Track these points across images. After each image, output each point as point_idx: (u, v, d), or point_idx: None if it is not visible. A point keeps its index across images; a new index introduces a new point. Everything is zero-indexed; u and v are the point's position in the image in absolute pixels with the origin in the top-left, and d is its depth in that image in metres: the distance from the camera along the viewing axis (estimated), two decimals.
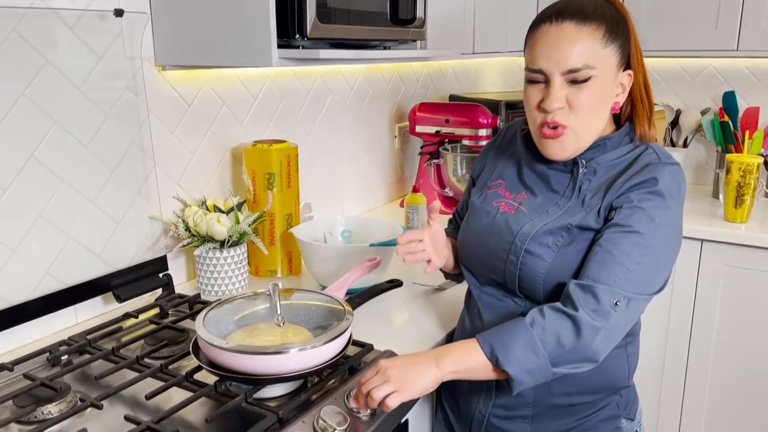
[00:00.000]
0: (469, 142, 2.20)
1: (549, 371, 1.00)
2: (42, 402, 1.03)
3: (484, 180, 1.27)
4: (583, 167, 1.11)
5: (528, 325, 1.00)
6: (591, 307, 0.99)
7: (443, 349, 1.04)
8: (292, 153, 1.62)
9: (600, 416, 1.13)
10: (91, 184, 1.36)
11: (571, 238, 1.07)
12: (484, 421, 1.18)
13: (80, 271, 1.36)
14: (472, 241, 1.21)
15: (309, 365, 1.05)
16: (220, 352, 1.04)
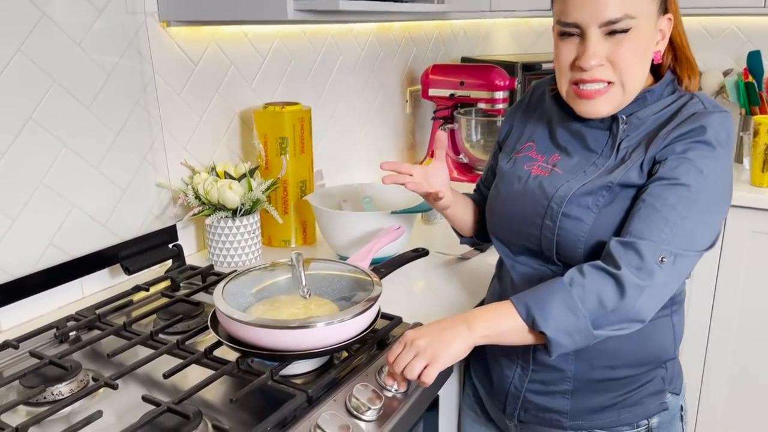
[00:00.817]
0: (485, 106, 2.11)
1: (590, 333, 0.92)
2: (51, 382, 0.96)
3: (511, 144, 1.19)
4: (624, 123, 1.02)
5: (566, 284, 0.92)
6: (634, 265, 0.91)
7: (474, 312, 0.96)
8: (305, 116, 1.52)
9: (644, 391, 1.07)
10: (95, 149, 1.27)
11: (612, 197, 0.99)
12: (520, 397, 1.11)
13: (85, 242, 1.28)
14: (503, 208, 1.13)
15: (337, 340, 0.98)
16: (241, 326, 0.96)
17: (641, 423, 1.07)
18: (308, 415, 0.89)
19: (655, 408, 1.07)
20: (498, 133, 1.24)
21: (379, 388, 0.96)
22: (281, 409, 0.87)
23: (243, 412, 0.93)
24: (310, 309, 1.06)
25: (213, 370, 0.99)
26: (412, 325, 1.14)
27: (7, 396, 0.97)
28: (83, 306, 1.23)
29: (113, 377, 0.94)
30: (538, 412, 1.10)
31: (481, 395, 1.25)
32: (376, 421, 0.91)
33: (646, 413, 1.07)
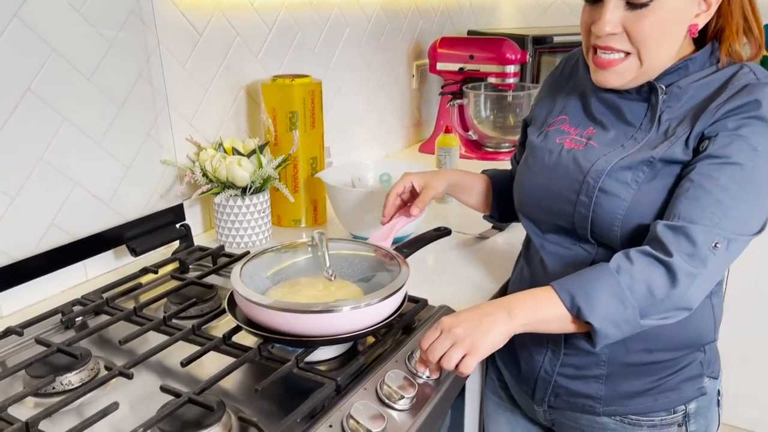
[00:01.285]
0: (495, 80, 2.04)
1: (637, 323, 0.87)
2: (60, 371, 0.90)
3: (542, 117, 1.12)
4: (663, 93, 0.96)
5: (613, 271, 0.86)
6: (686, 251, 0.85)
7: (513, 298, 0.90)
8: (315, 89, 1.45)
9: (682, 375, 1.02)
10: (97, 123, 1.19)
11: (654, 173, 0.93)
12: (551, 382, 1.06)
13: (88, 222, 1.21)
14: (533, 184, 1.07)
15: (364, 325, 0.92)
16: (263, 310, 0.90)
17: (678, 408, 1.02)
18: (338, 404, 0.84)
19: (693, 393, 1.02)
20: (509, 109, 1.19)
21: (410, 374, 0.91)
22: (310, 398, 0.82)
23: (265, 401, 0.88)
24: (333, 292, 1.01)
25: (232, 357, 0.93)
26: (438, 308, 1.08)
27: (12, 386, 0.90)
28: (87, 289, 1.16)
29: (127, 366, 0.88)
30: (570, 397, 1.05)
31: (506, 380, 1.20)
32: (409, 410, 0.86)
33: (683, 398, 1.02)
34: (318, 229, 1.05)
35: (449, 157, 1.61)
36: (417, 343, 0.98)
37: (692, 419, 1.02)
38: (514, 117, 2.08)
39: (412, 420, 0.85)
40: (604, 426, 1.04)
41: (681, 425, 1.02)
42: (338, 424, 0.81)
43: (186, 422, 0.79)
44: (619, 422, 1.03)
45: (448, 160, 1.61)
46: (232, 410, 0.84)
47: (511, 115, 2.08)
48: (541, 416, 1.13)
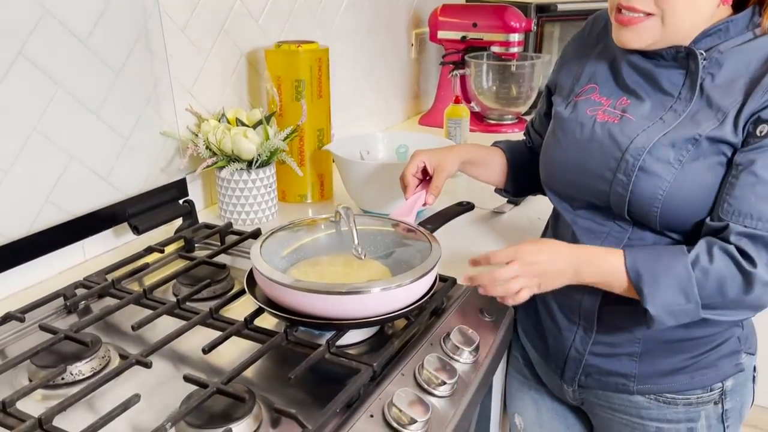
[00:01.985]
0: (499, 49, 1.97)
1: (698, 315, 0.84)
2: (68, 359, 0.83)
3: (568, 85, 1.04)
4: (704, 59, 0.89)
5: (689, 264, 0.83)
6: (766, 261, 0.81)
7: (583, 255, 0.89)
8: (323, 56, 1.37)
9: (720, 352, 0.98)
10: (93, 91, 1.10)
11: (699, 152, 0.86)
12: (582, 361, 1.02)
13: (86, 199, 1.12)
14: (564, 160, 1.00)
15: (396, 306, 0.86)
16: (288, 291, 0.84)
17: (715, 386, 0.98)
18: (376, 392, 0.78)
19: (731, 369, 0.98)
20: (513, 79, 1.13)
21: (448, 358, 0.86)
22: (348, 386, 0.76)
23: (295, 389, 0.81)
24: (356, 270, 0.94)
25: (257, 342, 0.86)
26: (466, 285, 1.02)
27: (16, 377, 0.83)
28: (86, 270, 1.09)
29: (145, 354, 0.81)
30: (602, 376, 1.01)
31: (531, 358, 1.15)
32: (450, 396, 0.80)
33: (720, 375, 0.98)
34: (342, 205, 0.98)
35: (459, 129, 1.55)
36: (449, 324, 0.93)
37: (728, 397, 0.99)
38: (517, 88, 2.02)
39: (453, 408, 0.79)
40: (637, 405, 1.00)
41: (717, 403, 0.99)
42: (379, 414, 0.75)
43: (214, 415, 0.73)
44: (654, 401, 0.99)
45: (458, 132, 1.54)
46: (261, 400, 0.78)
47: (515, 86, 2.02)
48: (569, 396, 1.08)
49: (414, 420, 0.73)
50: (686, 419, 0.99)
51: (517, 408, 1.20)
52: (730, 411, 0.99)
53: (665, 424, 1.00)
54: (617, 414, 1.03)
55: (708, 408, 0.98)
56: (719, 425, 0.99)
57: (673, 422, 0.99)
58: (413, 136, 1.41)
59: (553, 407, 1.17)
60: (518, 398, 1.20)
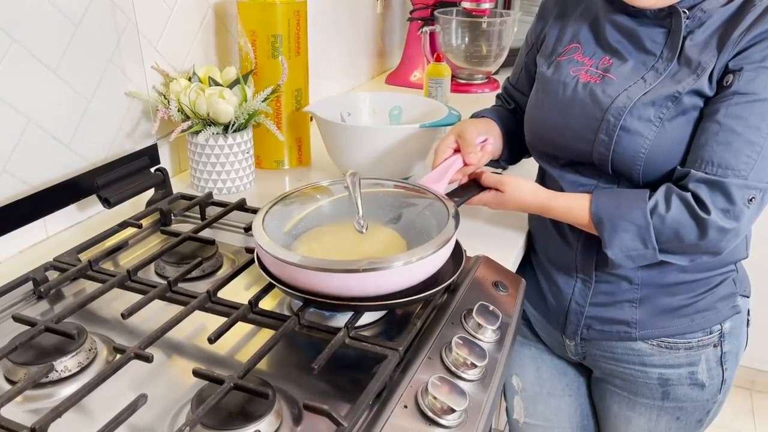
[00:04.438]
0: (470, 5, 1.89)
1: (656, 258, 0.88)
2: (52, 355, 0.72)
3: (550, 45, 1.02)
4: (686, 18, 0.87)
5: (647, 211, 0.85)
6: (722, 207, 0.82)
7: (552, 201, 0.95)
8: (301, 9, 1.26)
9: (717, 294, 0.98)
10: (51, 46, 0.97)
11: (678, 108, 0.86)
12: (583, 313, 1.01)
13: (47, 168, 1.00)
14: (547, 122, 0.99)
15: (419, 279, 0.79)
16: (298, 271, 0.76)
17: (714, 328, 0.99)
18: (406, 379, 0.72)
19: (728, 311, 1.00)
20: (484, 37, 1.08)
21: (471, 337, 0.80)
22: (378, 374, 0.69)
23: (313, 379, 0.74)
24: (366, 239, 0.87)
25: (263, 326, 0.78)
26: (475, 258, 0.97)
27: None
28: (50, 249, 0.97)
29: (143, 346, 0.72)
30: (604, 325, 1.01)
31: (530, 318, 1.13)
32: (481, 380, 0.75)
33: (719, 317, 0.99)
34: (351, 170, 0.89)
35: (441, 89, 1.47)
36: (466, 301, 0.87)
37: (726, 339, 1.00)
38: (487, 46, 1.95)
39: (485, 392, 0.74)
40: (640, 352, 1.01)
41: (716, 346, 1.00)
42: (412, 403, 0.69)
43: (233, 414, 0.65)
44: (656, 346, 1.00)
45: (439, 92, 1.47)
46: (280, 394, 0.70)
47: (485, 44, 1.95)
48: (571, 351, 1.08)
49: (452, 409, 0.67)
50: (687, 363, 1.00)
51: (516, 369, 1.18)
52: (728, 354, 1.01)
53: (667, 370, 1.00)
54: (620, 364, 1.03)
55: (708, 351, 1.00)
56: (718, 368, 1.01)
57: (675, 367, 1.00)
58: (397, 97, 1.33)
59: (553, 365, 1.17)
60: (518, 359, 1.18)
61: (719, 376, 1.00)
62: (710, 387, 1.00)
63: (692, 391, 1.00)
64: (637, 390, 1.03)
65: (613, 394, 1.07)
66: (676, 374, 0.99)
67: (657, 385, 1.01)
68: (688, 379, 0.99)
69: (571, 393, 1.16)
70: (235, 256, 1.00)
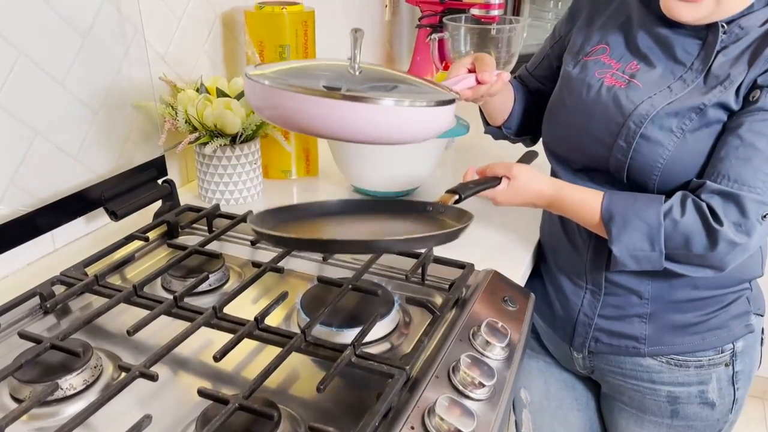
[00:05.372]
0: (479, 12, 1.88)
1: (660, 264, 0.86)
2: (57, 372, 0.72)
3: (578, 43, 1.00)
4: (723, 32, 0.85)
5: (662, 213, 0.83)
6: (734, 220, 0.80)
7: (563, 192, 0.91)
8: (308, 18, 1.26)
9: (730, 312, 0.97)
10: (58, 58, 0.97)
11: (701, 121, 0.85)
12: (591, 325, 1.00)
13: (55, 181, 0.99)
14: (567, 122, 0.97)
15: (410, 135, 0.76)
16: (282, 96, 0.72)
17: (726, 347, 0.97)
18: (413, 399, 0.71)
19: (741, 330, 0.98)
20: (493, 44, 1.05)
21: (480, 355, 0.79)
22: (384, 395, 0.68)
23: (318, 399, 0.73)
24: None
25: (269, 343, 0.78)
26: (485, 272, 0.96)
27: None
28: (58, 261, 0.97)
29: (148, 364, 0.71)
30: (612, 339, 1.00)
31: (539, 330, 1.13)
32: (489, 399, 0.74)
33: (731, 336, 0.97)
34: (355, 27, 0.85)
35: None
36: (474, 317, 0.86)
37: (739, 358, 0.99)
38: (497, 53, 1.93)
39: (494, 411, 0.73)
40: (648, 369, 0.99)
41: (728, 365, 0.98)
42: (419, 424, 0.68)
43: None
44: (665, 364, 0.98)
45: None
46: (285, 414, 0.70)
47: (494, 51, 1.93)
48: (579, 364, 1.06)
49: (460, 430, 0.67)
50: (697, 382, 0.98)
51: (524, 382, 1.17)
52: (740, 373, 0.99)
53: (677, 388, 0.99)
54: (629, 380, 1.01)
55: (719, 370, 0.98)
56: (729, 387, 0.99)
57: (685, 385, 0.98)
58: None
59: (562, 378, 1.15)
60: (525, 371, 1.17)
61: (730, 395, 0.98)
62: (721, 406, 0.98)
63: (702, 410, 0.98)
64: (645, 407, 1.01)
65: (622, 410, 1.05)
66: (686, 392, 0.98)
67: (666, 403, 0.99)
68: (698, 397, 0.98)
69: (580, 407, 1.15)
70: (242, 270, 1.00)
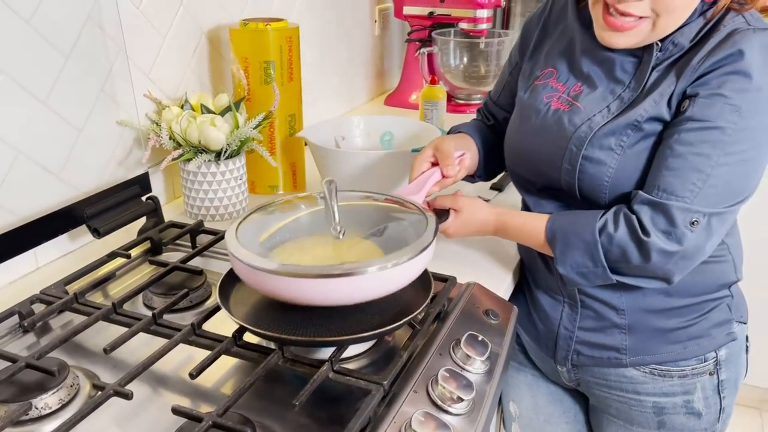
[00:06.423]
0: (467, 26, 1.89)
1: (608, 278, 0.87)
2: (33, 391, 0.71)
3: (529, 68, 1.02)
4: (658, 50, 0.86)
5: (596, 230, 0.85)
6: (663, 229, 0.81)
7: (508, 225, 0.95)
8: (293, 35, 1.26)
9: (711, 320, 0.96)
10: (41, 77, 0.97)
11: (638, 135, 0.86)
12: (572, 338, 1.00)
13: (37, 199, 1.00)
14: (520, 146, 1.00)
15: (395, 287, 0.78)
16: (266, 277, 0.74)
17: (709, 356, 0.97)
18: (390, 414, 0.70)
19: (723, 338, 0.97)
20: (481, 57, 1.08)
21: (460, 369, 0.79)
22: (361, 410, 0.68)
23: (295, 415, 0.73)
24: (346, 252, 0.85)
25: (248, 360, 0.78)
26: (466, 285, 0.96)
27: None
28: (40, 280, 0.97)
29: (123, 382, 0.71)
30: (594, 351, 0.99)
31: (525, 344, 1.12)
32: (468, 414, 0.74)
33: (713, 344, 0.97)
34: (327, 178, 0.88)
35: (436, 111, 1.47)
36: (455, 330, 0.86)
37: (723, 367, 0.98)
38: (485, 66, 1.95)
39: (472, 426, 0.72)
40: (632, 380, 0.98)
41: (712, 374, 0.97)
42: None
43: None
44: (648, 374, 0.98)
45: (434, 114, 1.46)
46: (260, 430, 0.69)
47: (483, 64, 1.95)
48: (565, 377, 1.06)
49: None
50: (682, 392, 0.97)
51: (513, 395, 1.17)
52: (725, 382, 0.98)
53: (662, 398, 0.98)
54: (614, 392, 1.01)
55: (703, 379, 0.97)
56: (715, 396, 0.98)
57: (670, 395, 0.98)
58: (391, 121, 1.33)
59: (549, 392, 1.14)
60: (514, 385, 1.16)
61: (716, 404, 0.97)
62: (708, 416, 0.97)
63: (689, 420, 0.98)
64: (632, 418, 1.01)
65: (610, 422, 1.04)
66: (671, 403, 0.97)
67: (652, 414, 0.98)
68: (683, 407, 0.97)
69: (569, 420, 1.14)
70: None
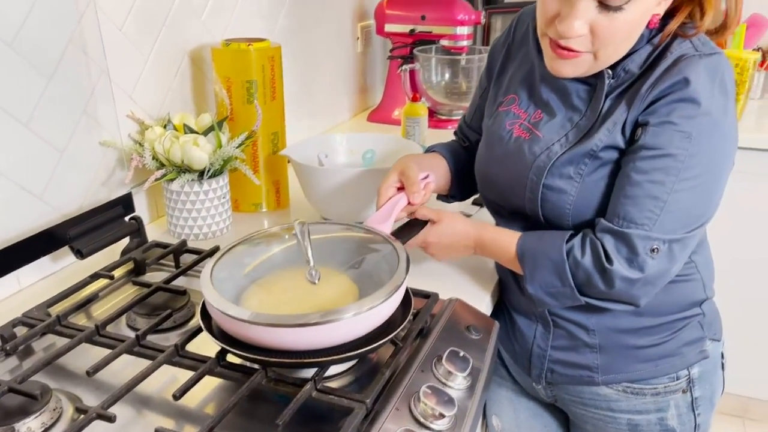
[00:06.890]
0: (448, 43, 1.92)
1: (577, 298, 0.89)
2: (15, 416, 0.71)
3: (494, 93, 1.04)
4: (610, 78, 0.88)
5: (564, 252, 0.87)
6: (625, 257, 0.84)
7: (485, 239, 0.96)
8: (275, 54, 1.28)
9: (681, 338, 0.97)
10: (22, 100, 0.98)
11: (596, 163, 0.88)
12: (545, 356, 1.02)
13: (18, 221, 1.00)
14: (487, 172, 1.02)
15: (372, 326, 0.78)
16: (243, 326, 0.75)
17: (681, 374, 0.98)
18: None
19: (695, 357, 0.98)
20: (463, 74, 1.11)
21: (442, 384, 0.80)
22: (344, 429, 0.68)
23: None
24: (319, 288, 0.86)
25: (231, 380, 0.78)
26: (448, 301, 0.97)
27: None
28: (23, 302, 0.97)
29: (105, 405, 0.71)
30: (567, 369, 1.01)
31: (505, 360, 1.13)
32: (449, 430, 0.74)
33: (685, 362, 0.98)
34: (298, 220, 0.88)
35: (418, 128, 1.48)
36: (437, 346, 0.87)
37: (697, 385, 0.99)
38: (467, 82, 1.97)
39: None
40: (606, 398, 1.00)
41: (686, 391, 0.99)
42: None
43: None
44: (622, 392, 0.99)
45: (416, 131, 1.48)
46: None
47: (464, 81, 1.97)
48: (542, 393, 1.08)
49: None
50: (655, 409, 0.99)
51: (495, 409, 1.17)
52: (699, 399, 0.99)
53: (636, 416, 1.00)
54: (589, 409, 1.02)
55: (677, 397, 0.98)
56: (689, 414, 0.99)
57: (644, 413, 0.99)
58: (373, 138, 1.34)
59: (530, 407, 1.16)
60: (496, 400, 1.17)
61: (691, 422, 0.99)
62: None
63: None
64: None
65: None
66: (645, 420, 0.98)
67: (627, 431, 1.00)
68: (657, 425, 0.98)
69: None
70: None
